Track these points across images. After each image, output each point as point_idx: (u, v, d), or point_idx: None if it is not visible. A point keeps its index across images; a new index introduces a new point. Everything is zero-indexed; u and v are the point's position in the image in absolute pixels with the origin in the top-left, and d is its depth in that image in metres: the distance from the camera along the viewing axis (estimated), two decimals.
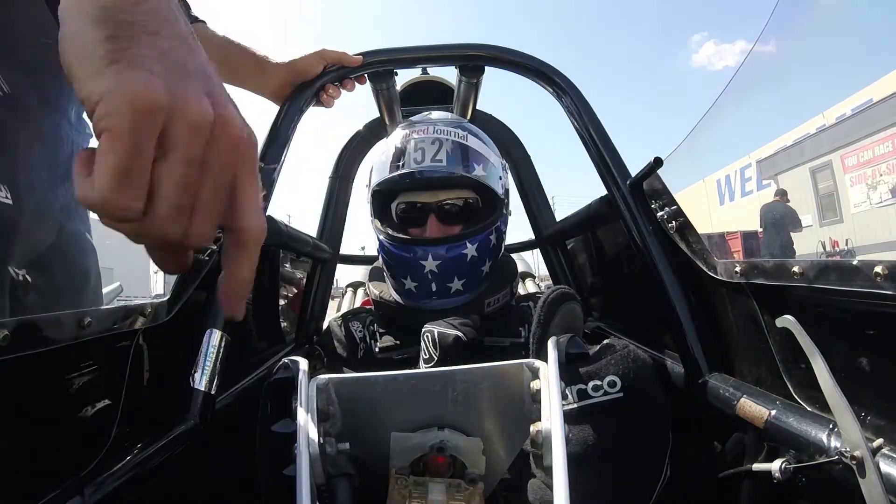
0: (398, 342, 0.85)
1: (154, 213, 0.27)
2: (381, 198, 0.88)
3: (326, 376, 0.53)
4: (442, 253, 0.79)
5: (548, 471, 0.51)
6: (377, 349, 0.86)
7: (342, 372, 0.90)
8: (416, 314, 0.83)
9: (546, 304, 0.61)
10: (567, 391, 0.55)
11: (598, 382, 0.55)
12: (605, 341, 0.61)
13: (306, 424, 0.48)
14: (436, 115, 0.95)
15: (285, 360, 0.57)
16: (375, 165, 0.88)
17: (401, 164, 0.82)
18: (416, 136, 0.83)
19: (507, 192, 0.91)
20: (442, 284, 0.80)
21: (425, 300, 0.82)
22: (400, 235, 0.82)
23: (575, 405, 0.55)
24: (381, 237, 0.85)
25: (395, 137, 0.87)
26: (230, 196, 0.30)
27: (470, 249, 0.80)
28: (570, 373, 0.56)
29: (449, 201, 0.83)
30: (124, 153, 0.25)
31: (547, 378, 0.51)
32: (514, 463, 0.58)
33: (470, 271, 0.81)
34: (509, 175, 0.92)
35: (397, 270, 0.83)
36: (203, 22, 0.94)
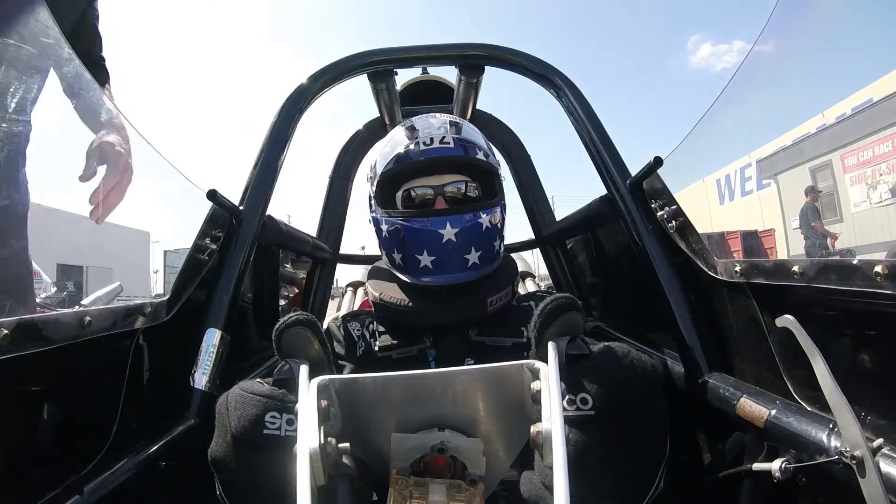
0: (396, 342, 0.85)
1: None
2: (385, 188, 0.87)
3: (327, 377, 0.53)
4: (459, 220, 0.79)
5: (547, 471, 0.50)
6: (377, 347, 0.86)
7: (341, 369, 0.90)
8: (419, 315, 0.82)
9: (544, 315, 0.59)
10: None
11: (572, 397, 0.54)
12: (603, 344, 0.60)
13: (307, 424, 0.48)
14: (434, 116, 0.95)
15: (287, 359, 0.57)
16: (379, 158, 0.88)
17: (411, 146, 0.83)
18: (422, 122, 0.86)
19: (503, 187, 0.91)
20: (459, 256, 0.80)
21: (441, 275, 0.81)
22: (415, 210, 0.83)
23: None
24: (393, 219, 0.83)
25: (398, 130, 0.88)
26: None
27: (485, 220, 0.81)
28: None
29: (454, 185, 0.84)
30: None
31: (547, 379, 0.51)
32: (514, 463, 0.58)
33: (486, 242, 0.82)
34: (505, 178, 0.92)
35: (414, 246, 0.81)
36: None
